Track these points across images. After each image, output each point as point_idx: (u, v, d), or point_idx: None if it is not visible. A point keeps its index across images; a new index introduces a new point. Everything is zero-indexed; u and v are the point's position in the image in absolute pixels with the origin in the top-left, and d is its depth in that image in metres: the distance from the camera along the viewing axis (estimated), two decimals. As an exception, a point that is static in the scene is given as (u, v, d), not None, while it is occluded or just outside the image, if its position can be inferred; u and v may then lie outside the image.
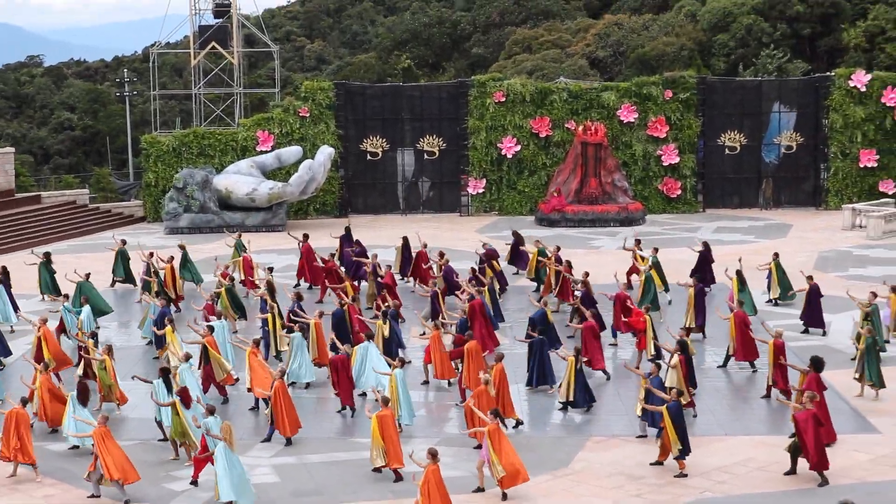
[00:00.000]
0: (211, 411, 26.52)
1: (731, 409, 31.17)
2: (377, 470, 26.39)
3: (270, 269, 42.49)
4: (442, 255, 44.03)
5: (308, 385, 33.35)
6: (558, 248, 45.22)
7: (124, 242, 48.93)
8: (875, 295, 35.58)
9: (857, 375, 31.83)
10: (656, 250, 43.30)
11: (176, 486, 26.35)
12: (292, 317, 35.71)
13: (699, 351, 35.48)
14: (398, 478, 25.97)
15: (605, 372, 33.85)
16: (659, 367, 28.89)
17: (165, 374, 28.99)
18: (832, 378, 31.82)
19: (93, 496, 25.72)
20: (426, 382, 33.57)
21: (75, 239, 61.73)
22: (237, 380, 33.01)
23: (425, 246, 46.02)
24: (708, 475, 26.20)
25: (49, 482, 26.76)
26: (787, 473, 26.05)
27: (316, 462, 27.61)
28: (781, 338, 31.27)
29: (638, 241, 46.47)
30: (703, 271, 43.47)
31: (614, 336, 37.38)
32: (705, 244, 45.02)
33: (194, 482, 26.11)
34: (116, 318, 42.59)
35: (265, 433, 29.10)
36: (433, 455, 23.37)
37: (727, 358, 34.59)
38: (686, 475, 25.94)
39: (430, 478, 23.08)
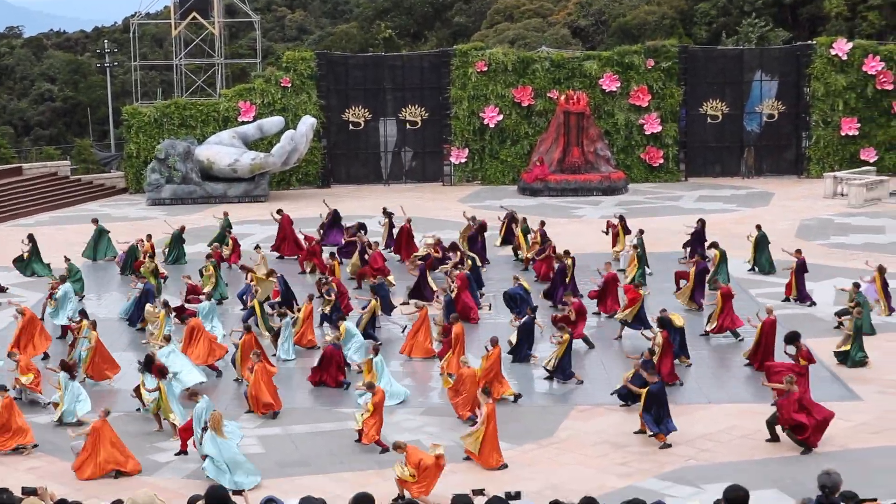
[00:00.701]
0: (193, 395, 26.65)
1: (715, 377, 31.29)
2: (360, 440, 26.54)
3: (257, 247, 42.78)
4: (438, 241, 43.67)
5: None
6: (543, 224, 45.18)
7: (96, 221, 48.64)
8: (858, 286, 35.38)
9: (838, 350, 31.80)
10: (642, 232, 43.13)
11: (161, 457, 26.37)
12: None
13: (692, 322, 35.26)
14: (384, 449, 26.01)
15: (586, 340, 33.91)
16: (653, 352, 28.96)
17: (149, 362, 28.90)
18: (816, 346, 31.94)
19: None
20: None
21: (57, 210, 61.56)
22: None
23: (409, 221, 45.95)
24: (692, 443, 26.29)
25: (35, 454, 26.75)
26: (768, 440, 26.17)
27: (301, 433, 27.65)
28: (772, 314, 31.47)
29: (622, 218, 46.21)
30: (695, 247, 43.04)
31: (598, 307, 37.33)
32: (701, 221, 44.70)
33: (183, 452, 26.15)
34: (96, 292, 42.61)
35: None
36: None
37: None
38: (669, 445, 26.02)
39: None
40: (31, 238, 44.99)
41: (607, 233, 45.50)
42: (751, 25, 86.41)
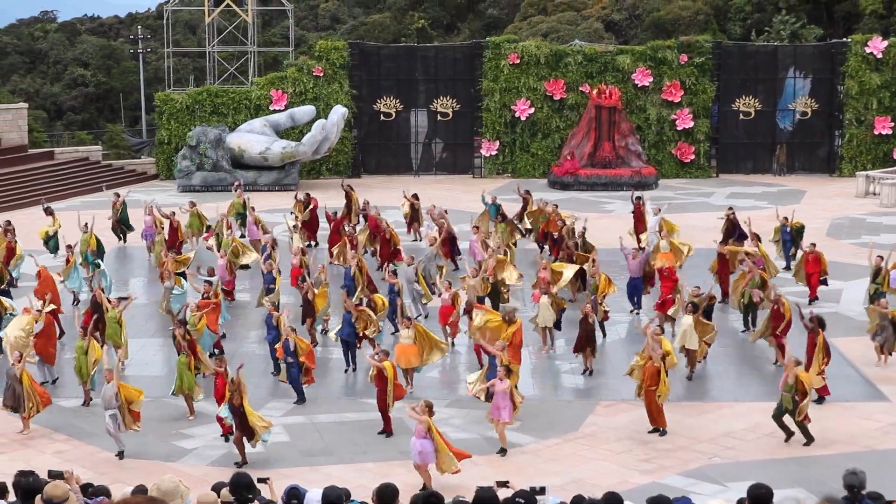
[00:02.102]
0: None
1: (740, 375, 31.20)
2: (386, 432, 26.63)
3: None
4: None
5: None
6: (556, 206, 45.13)
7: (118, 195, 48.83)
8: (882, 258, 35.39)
9: (876, 345, 31.58)
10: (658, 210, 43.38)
11: (186, 443, 26.48)
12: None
13: (718, 316, 35.06)
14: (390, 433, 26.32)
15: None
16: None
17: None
18: (844, 345, 31.84)
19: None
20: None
21: (88, 195, 61.79)
22: (224, 336, 33.52)
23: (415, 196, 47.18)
24: (716, 441, 26.25)
25: (61, 438, 26.90)
26: (787, 440, 26.06)
27: (325, 422, 27.72)
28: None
29: (640, 199, 46.16)
30: (730, 238, 42.64)
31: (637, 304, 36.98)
32: (731, 209, 44.50)
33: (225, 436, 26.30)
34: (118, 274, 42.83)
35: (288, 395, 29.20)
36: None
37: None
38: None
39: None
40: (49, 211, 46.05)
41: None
42: (782, 22, 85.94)
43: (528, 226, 46.12)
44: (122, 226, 47.97)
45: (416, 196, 48.58)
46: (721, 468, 24.76)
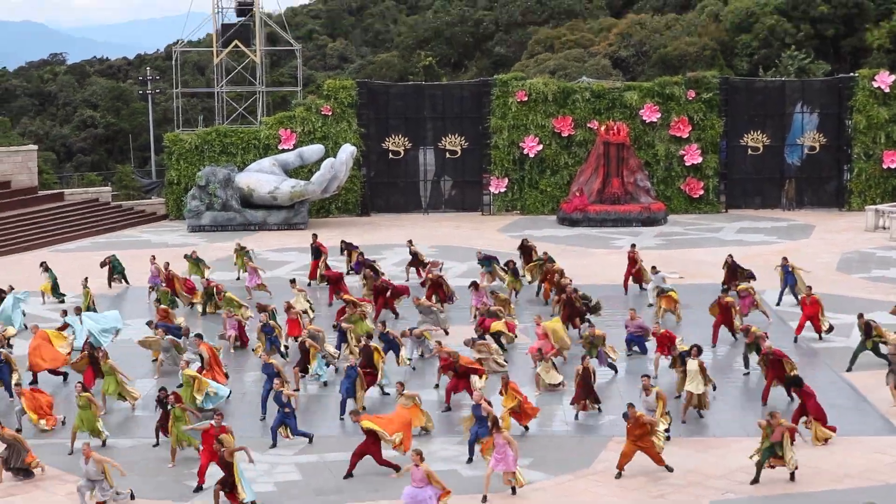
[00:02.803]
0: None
1: (752, 411, 31.02)
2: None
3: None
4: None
5: (326, 384, 33.43)
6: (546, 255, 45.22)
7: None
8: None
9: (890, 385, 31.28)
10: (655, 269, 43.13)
11: (195, 483, 26.38)
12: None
13: (725, 353, 35.09)
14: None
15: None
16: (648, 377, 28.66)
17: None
18: (857, 380, 31.72)
19: None
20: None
21: (98, 236, 61.89)
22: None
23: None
24: (730, 476, 26.12)
25: (72, 479, 26.76)
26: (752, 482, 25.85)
27: (337, 460, 27.60)
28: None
29: (634, 246, 46.15)
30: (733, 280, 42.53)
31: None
32: (730, 256, 44.23)
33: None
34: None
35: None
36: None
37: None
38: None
39: None
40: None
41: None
42: (790, 58, 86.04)
43: (529, 279, 45.40)
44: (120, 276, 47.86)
45: (409, 242, 48.88)
46: (734, 504, 24.64)
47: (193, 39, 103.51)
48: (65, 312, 38.54)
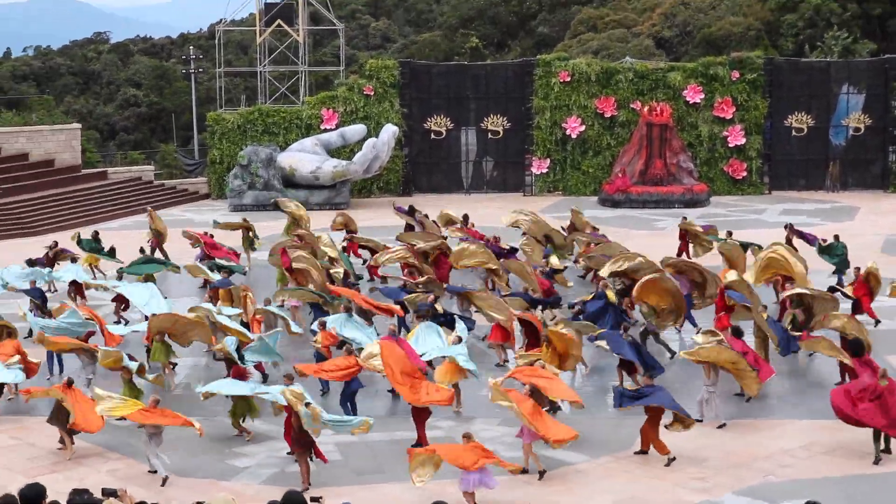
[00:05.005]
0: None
1: (797, 393, 30.88)
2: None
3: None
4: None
5: None
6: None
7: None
8: None
9: None
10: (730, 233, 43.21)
11: (239, 462, 26.48)
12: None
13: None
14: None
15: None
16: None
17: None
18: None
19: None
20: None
21: (141, 215, 62.14)
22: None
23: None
24: (772, 458, 25.99)
25: (114, 456, 26.96)
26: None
27: (378, 440, 27.63)
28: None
29: (685, 218, 46.31)
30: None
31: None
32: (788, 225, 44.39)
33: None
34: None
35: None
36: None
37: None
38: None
39: None
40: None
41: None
42: (835, 38, 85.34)
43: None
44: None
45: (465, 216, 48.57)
46: (776, 486, 24.49)
47: (237, 19, 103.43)
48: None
